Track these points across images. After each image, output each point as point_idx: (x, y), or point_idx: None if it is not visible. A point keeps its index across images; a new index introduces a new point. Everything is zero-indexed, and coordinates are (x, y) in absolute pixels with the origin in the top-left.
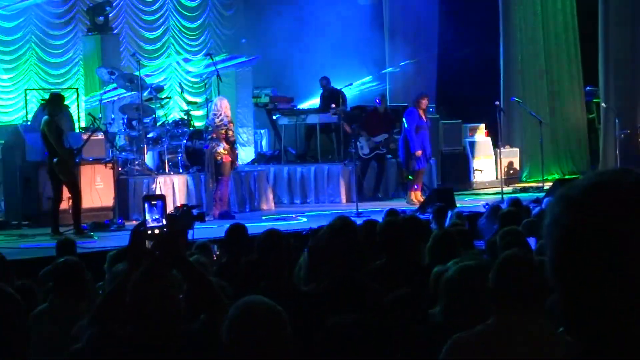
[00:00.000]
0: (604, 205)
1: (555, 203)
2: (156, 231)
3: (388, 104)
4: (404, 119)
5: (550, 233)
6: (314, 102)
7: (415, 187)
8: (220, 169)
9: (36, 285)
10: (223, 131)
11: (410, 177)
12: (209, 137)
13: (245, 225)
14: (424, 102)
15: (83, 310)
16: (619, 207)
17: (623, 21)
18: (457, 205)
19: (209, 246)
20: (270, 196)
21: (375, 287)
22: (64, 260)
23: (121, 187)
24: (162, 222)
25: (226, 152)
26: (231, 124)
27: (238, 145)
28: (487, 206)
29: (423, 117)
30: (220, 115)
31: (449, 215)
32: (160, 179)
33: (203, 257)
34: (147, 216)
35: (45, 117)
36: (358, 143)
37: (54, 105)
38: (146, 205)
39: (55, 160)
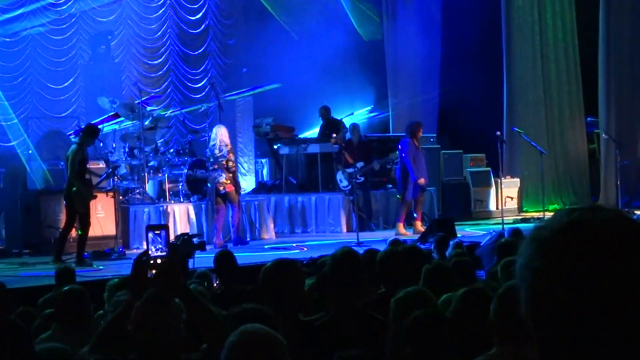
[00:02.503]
0: (575, 246)
1: (526, 245)
2: (159, 261)
3: (391, 133)
4: (399, 149)
5: (522, 276)
6: (315, 131)
7: (414, 215)
8: (226, 198)
9: (36, 312)
10: (224, 162)
11: (398, 196)
12: (211, 167)
13: (234, 253)
14: (420, 131)
15: (85, 339)
16: (590, 247)
17: (624, 52)
18: (458, 235)
19: (210, 275)
20: (271, 225)
21: (379, 317)
22: (68, 288)
23: (122, 216)
24: (165, 251)
25: (228, 182)
26: (231, 154)
27: (239, 174)
28: (492, 233)
29: (418, 146)
30: (219, 145)
31: (450, 245)
32: (161, 208)
33: (201, 286)
34: (151, 246)
35: (74, 146)
36: (337, 177)
37: (88, 136)
38: (150, 235)
39: (74, 189)
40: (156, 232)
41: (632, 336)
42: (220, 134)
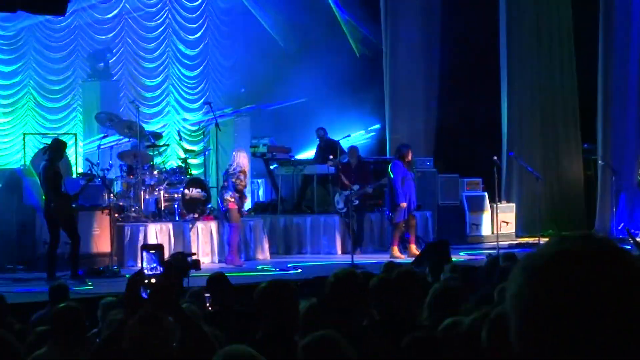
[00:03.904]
0: (565, 276)
1: (517, 273)
2: (153, 280)
3: (387, 156)
4: (389, 172)
5: (513, 304)
6: (312, 152)
7: (406, 235)
8: (226, 215)
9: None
10: (233, 179)
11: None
12: (222, 185)
13: (226, 274)
14: (409, 154)
15: (80, 357)
16: (580, 277)
17: (623, 80)
18: (453, 259)
19: (203, 295)
20: (266, 246)
21: (376, 341)
22: (64, 305)
23: (117, 233)
24: (159, 271)
25: (232, 200)
26: (241, 173)
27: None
28: (488, 257)
29: (408, 168)
30: (234, 166)
31: (446, 269)
32: (157, 226)
33: (194, 305)
34: (145, 265)
35: (44, 162)
36: (335, 198)
37: (55, 151)
38: (144, 254)
39: (52, 205)
40: (151, 251)
41: None
42: (237, 156)
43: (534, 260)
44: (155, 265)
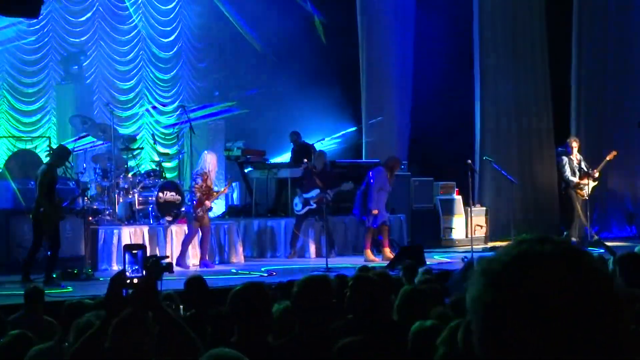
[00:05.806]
0: (524, 278)
1: (477, 278)
2: (135, 280)
3: (363, 159)
4: (370, 175)
5: (474, 309)
6: (287, 156)
7: (379, 238)
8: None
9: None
10: (194, 183)
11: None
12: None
13: (204, 277)
14: (397, 167)
15: None
16: (539, 279)
17: (596, 84)
18: (427, 262)
19: (176, 297)
20: (240, 249)
21: (346, 342)
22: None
23: (91, 236)
24: (141, 271)
25: (189, 203)
26: (199, 176)
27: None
28: (465, 259)
29: (389, 180)
30: (198, 167)
31: (419, 272)
32: (131, 229)
33: (169, 308)
34: (127, 266)
35: (44, 166)
36: (294, 200)
37: (58, 157)
38: (127, 255)
39: (41, 210)
40: (133, 252)
41: None
42: (203, 159)
43: (492, 263)
44: (137, 267)
